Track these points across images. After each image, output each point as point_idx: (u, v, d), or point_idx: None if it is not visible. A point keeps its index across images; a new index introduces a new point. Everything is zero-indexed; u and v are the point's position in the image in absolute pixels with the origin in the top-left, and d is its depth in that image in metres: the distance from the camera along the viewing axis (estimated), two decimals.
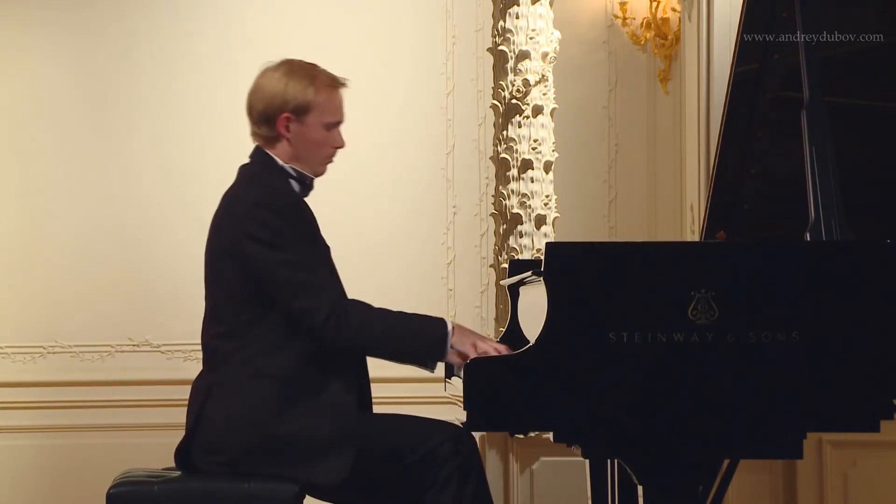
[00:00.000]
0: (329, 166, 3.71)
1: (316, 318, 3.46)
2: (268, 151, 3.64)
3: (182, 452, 3.58)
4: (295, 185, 3.64)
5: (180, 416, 3.67)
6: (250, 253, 3.50)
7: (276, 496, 3.45)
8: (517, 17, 5.11)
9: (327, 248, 3.65)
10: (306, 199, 3.66)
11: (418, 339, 3.50)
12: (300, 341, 3.51)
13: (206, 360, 3.66)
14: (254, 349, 3.53)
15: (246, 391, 3.51)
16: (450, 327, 3.49)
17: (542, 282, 3.15)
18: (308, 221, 3.58)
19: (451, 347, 3.47)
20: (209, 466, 3.53)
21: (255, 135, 3.67)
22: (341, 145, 3.67)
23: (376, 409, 3.70)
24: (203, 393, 3.56)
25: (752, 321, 3.11)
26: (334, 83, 3.66)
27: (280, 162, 3.63)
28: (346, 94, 3.74)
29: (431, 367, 3.53)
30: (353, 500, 3.59)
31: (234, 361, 3.54)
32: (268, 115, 3.61)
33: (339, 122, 3.66)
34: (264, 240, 3.49)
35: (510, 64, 5.11)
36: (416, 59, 6.33)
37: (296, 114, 3.60)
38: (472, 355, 3.37)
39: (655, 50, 6.24)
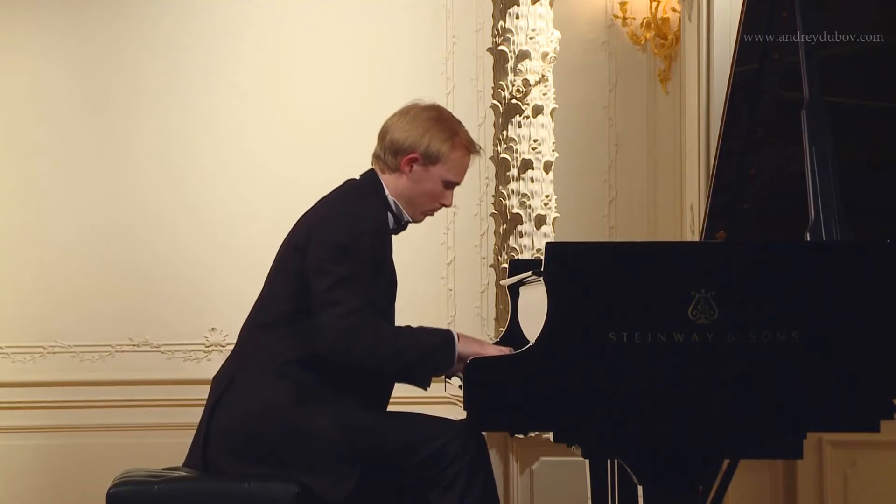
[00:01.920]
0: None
1: (324, 339, 3.47)
2: (381, 178, 3.69)
3: (200, 443, 3.60)
4: (390, 219, 3.69)
5: (180, 415, 3.68)
6: (314, 256, 3.52)
7: (276, 496, 3.45)
8: (517, 17, 5.11)
9: (392, 282, 3.68)
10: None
11: (427, 360, 3.51)
12: (320, 356, 3.53)
13: (238, 345, 3.69)
14: (284, 349, 3.55)
15: (265, 388, 3.53)
16: (456, 340, 3.49)
17: (542, 282, 3.15)
18: (383, 251, 3.61)
19: (459, 357, 3.47)
20: (220, 456, 3.54)
21: (377, 157, 3.73)
22: (448, 205, 3.74)
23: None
24: (225, 380, 3.60)
25: (752, 321, 3.11)
26: (471, 147, 3.72)
27: (387, 192, 3.68)
28: (348, 95, 3.75)
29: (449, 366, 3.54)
30: (359, 499, 3.59)
31: (263, 355, 3.57)
32: (399, 147, 3.66)
33: (456, 184, 3.72)
34: (332, 247, 3.51)
35: (510, 64, 5.11)
36: (416, 59, 6.33)
37: (425, 158, 3.65)
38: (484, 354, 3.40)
39: (655, 50, 6.23)
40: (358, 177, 3.75)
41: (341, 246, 3.51)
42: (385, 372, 3.58)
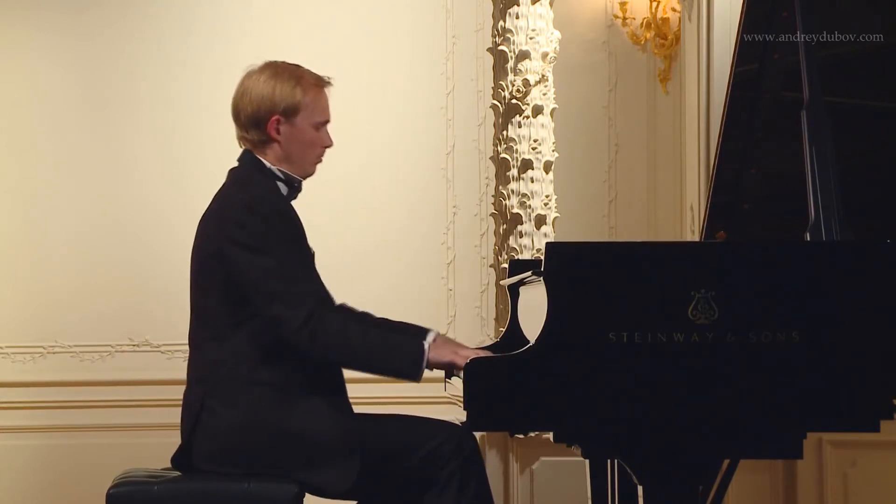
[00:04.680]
0: (319, 166, 3.71)
1: (290, 326, 3.44)
2: (256, 155, 3.63)
3: (181, 461, 3.56)
4: (283, 188, 3.63)
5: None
6: (232, 258, 3.48)
7: (276, 496, 3.45)
8: (517, 17, 5.11)
9: (312, 254, 3.63)
10: (294, 203, 3.64)
11: (394, 355, 3.47)
12: (286, 348, 3.48)
13: (192, 366, 3.61)
14: (241, 357, 3.50)
15: (241, 399, 3.48)
16: (426, 345, 3.46)
17: (542, 282, 3.15)
18: (294, 226, 3.56)
19: (430, 362, 3.44)
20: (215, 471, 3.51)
21: (242, 139, 3.66)
22: (329, 144, 3.67)
23: (377, 410, 3.70)
24: (196, 405, 3.52)
25: (752, 321, 3.11)
26: (320, 82, 3.66)
27: (268, 165, 3.62)
28: (347, 94, 3.75)
29: (414, 379, 3.51)
30: (354, 500, 3.59)
31: (223, 369, 3.51)
32: (257, 118, 3.61)
33: (326, 122, 3.67)
34: (246, 244, 3.47)
35: (510, 64, 5.11)
36: (416, 59, 6.33)
37: (285, 115, 3.60)
38: (458, 361, 3.39)
39: (655, 50, 6.24)
40: (236, 162, 3.68)
41: (257, 238, 3.47)
42: (347, 366, 3.55)
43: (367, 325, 3.51)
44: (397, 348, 3.48)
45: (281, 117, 3.59)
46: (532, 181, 5.10)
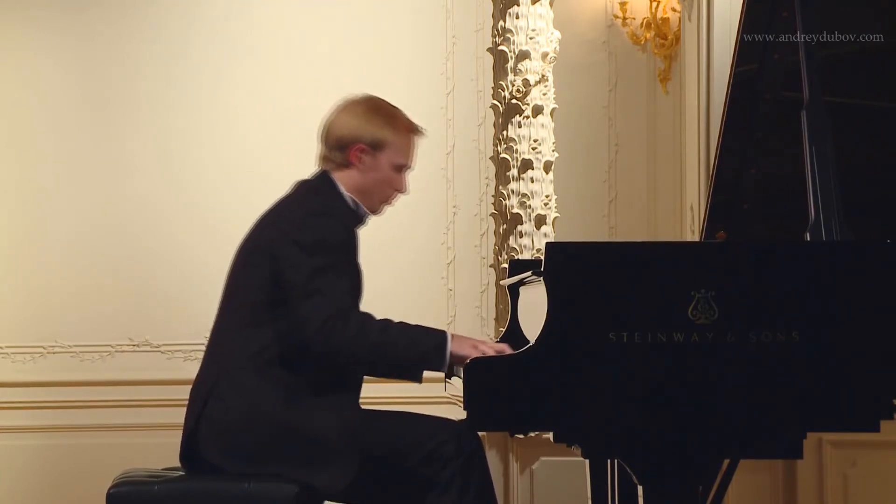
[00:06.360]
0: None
1: (313, 324, 3.45)
2: (333, 177, 3.67)
3: (187, 447, 3.58)
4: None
5: (180, 416, 3.67)
6: (286, 255, 3.51)
7: (276, 496, 3.45)
8: (517, 17, 5.11)
9: (360, 279, 3.65)
10: None
11: (417, 341, 3.47)
12: (304, 354, 3.50)
13: (210, 350, 3.65)
14: (258, 352, 3.52)
15: (251, 389, 3.51)
16: (448, 335, 3.47)
17: (542, 282, 3.15)
18: (352, 243, 3.59)
19: (452, 353, 3.44)
20: (217, 459, 3.53)
21: (324, 159, 3.70)
22: (403, 191, 3.73)
23: (377, 409, 3.70)
24: (206, 387, 3.56)
25: (752, 321, 3.11)
26: (412, 129, 3.73)
27: (342, 189, 3.66)
28: (347, 95, 3.75)
29: (438, 367, 3.51)
30: (355, 500, 3.58)
31: (239, 359, 3.53)
32: (344, 142, 3.65)
33: (407, 167, 3.71)
34: (304, 244, 3.50)
35: (510, 64, 5.11)
36: (416, 59, 6.33)
37: (371, 147, 3.65)
38: (474, 356, 3.37)
39: (655, 50, 6.24)
40: (309, 177, 3.72)
41: (315, 240, 3.50)
42: (368, 364, 3.56)
43: (386, 321, 3.51)
44: (420, 336, 3.47)
45: (367, 147, 3.64)
46: (532, 181, 5.10)
